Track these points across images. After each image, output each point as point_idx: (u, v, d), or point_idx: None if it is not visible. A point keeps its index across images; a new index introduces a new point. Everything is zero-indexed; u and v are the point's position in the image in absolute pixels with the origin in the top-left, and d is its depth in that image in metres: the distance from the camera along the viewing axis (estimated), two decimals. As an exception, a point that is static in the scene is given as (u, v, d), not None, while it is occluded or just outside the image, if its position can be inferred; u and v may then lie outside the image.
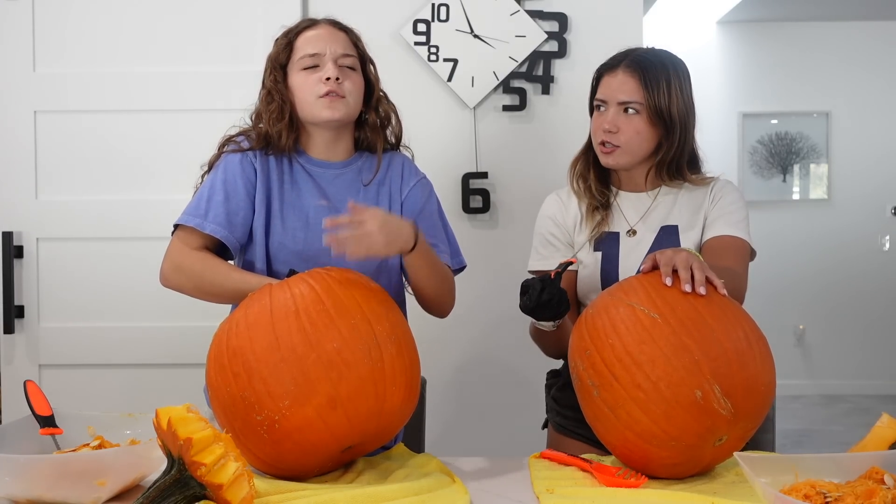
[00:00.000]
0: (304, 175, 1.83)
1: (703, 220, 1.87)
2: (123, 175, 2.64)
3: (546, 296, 1.65)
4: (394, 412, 1.51)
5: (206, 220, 1.76)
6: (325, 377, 1.43)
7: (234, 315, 1.54)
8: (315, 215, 1.80)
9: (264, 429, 1.43)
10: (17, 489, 1.34)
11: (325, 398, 1.43)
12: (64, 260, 2.63)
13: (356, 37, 1.87)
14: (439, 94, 2.69)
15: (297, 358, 1.44)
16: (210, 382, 1.52)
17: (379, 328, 1.50)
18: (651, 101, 1.80)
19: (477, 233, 2.72)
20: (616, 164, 1.86)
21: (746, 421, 1.44)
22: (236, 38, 2.61)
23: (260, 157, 1.82)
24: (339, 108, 1.78)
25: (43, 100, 2.62)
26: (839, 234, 6.23)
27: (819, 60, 6.17)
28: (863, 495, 1.25)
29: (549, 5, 2.68)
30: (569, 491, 1.45)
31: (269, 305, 1.50)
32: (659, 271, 1.51)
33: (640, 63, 1.83)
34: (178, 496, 1.26)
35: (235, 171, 1.79)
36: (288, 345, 1.45)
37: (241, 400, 1.44)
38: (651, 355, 1.42)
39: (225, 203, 1.77)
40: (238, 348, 1.47)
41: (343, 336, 1.46)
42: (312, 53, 1.79)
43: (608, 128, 1.82)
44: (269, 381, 1.43)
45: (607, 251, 1.87)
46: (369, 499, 1.38)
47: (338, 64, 1.79)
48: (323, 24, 1.84)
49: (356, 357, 1.45)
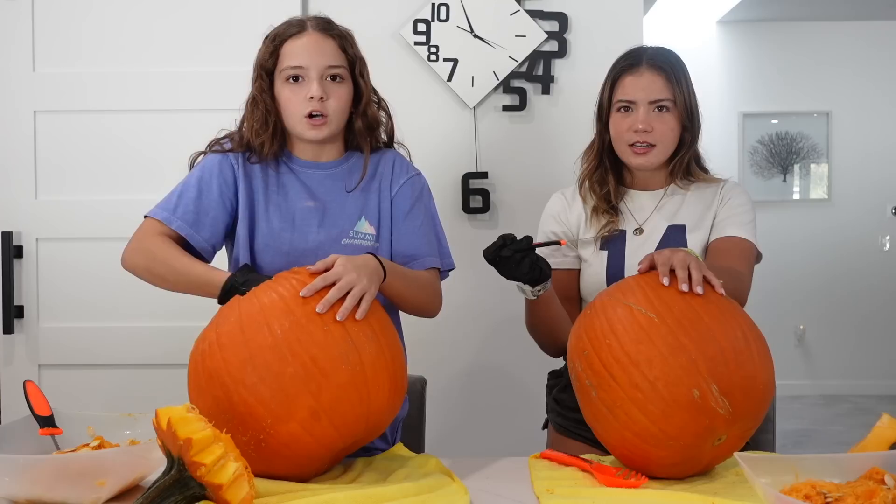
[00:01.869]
0: (290, 176, 1.82)
1: (712, 221, 1.88)
2: (123, 175, 2.64)
3: (506, 252, 1.65)
4: (382, 411, 1.49)
5: (174, 216, 1.75)
6: (305, 390, 1.40)
7: (207, 334, 1.50)
8: (302, 216, 1.80)
9: (252, 447, 1.41)
10: (17, 489, 1.34)
11: (308, 411, 1.40)
12: (64, 260, 2.63)
13: (346, 41, 1.80)
14: (439, 94, 2.69)
15: (274, 375, 1.40)
16: (193, 402, 1.47)
17: (354, 329, 1.46)
18: (679, 97, 1.82)
19: (477, 233, 2.72)
20: (649, 164, 1.86)
21: (745, 420, 1.44)
22: (236, 38, 2.60)
23: (243, 158, 1.81)
24: (323, 129, 1.76)
25: (43, 100, 2.62)
26: (839, 234, 6.23)
27: (819, 60, 6.17)
28: (863, 496, 1.25)
29: (549, 5, 2.68)
30: (569, 491, 1.45)
31: (239, 320, 1.45)
32: (656, 271, 1.51)
33: (661, 60, 1.84)
34: (178, 496, 1.26)
35: (213, 170, 1.79)
36: (262, 362, 1.40)
37: (224, 422, 1.39)
38: (648, 355, 1.41)
39: (196, 201, 1.76)
40: (214, 370, 1.43)
41: (318, 343, 1.42)
42: (297, 66, 1.75)
43: (643, 127, 1.81)
44: (248, 400, 1.40)
45: (613, 250, 1.88)
46: (369, 499, 1.37)
47: (323, 77, 1.75)
48: (310, 32, 1.77)
49: (334, 364, 1.41)
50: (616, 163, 1.91)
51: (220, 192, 1.78)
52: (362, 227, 1.82)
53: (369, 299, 1.51)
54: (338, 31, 1.80)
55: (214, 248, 1.81)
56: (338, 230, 1.80)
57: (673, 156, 1.88)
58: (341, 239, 1.80)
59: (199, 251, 1.77)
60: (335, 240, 1.79)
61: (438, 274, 1.87)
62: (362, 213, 1.83)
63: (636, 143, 1.83)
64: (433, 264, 1.84)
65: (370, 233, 1.82)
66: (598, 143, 1.91)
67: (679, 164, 1.88)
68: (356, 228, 1.81)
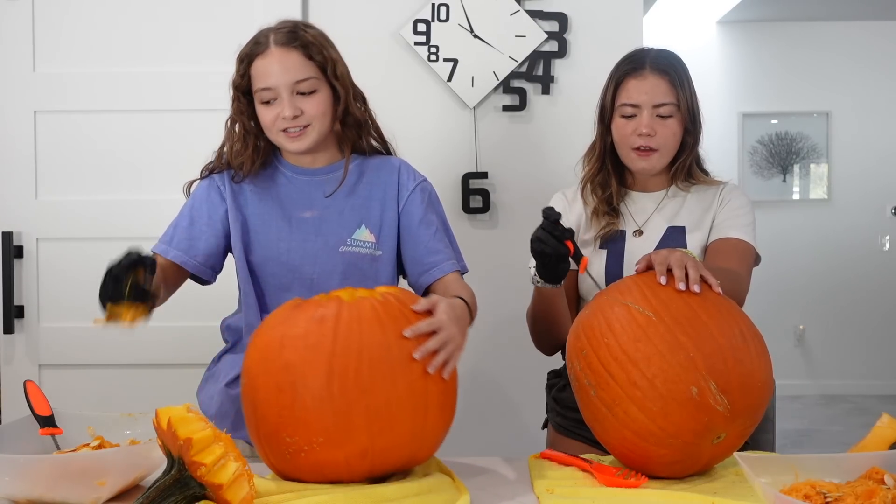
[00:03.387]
0: (286, 185, 1.83)
1: (711, 223, 1.88)
2: (124, 175, 2.64)
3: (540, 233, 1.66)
4: (417, 461, 1.50)
5: (170, 247, 1.82)
6: (366, 428, 1.38)
7: (298, 320, 1.43)
8: (298, 225, 1.81)
9: (289, 451, 1.39)
10: (17, 489, 1.34)
11: (359, 448, 1.39)
12: (64, 260, 2.63)
13: (313, 47, 1.75)
14: (439, 94, 2.69)
15: (347, 402, 1.37)
16: (248, 373, 1.44)
17: (432, 385, 1.44)
18: (683, 101, 1.82)
19: (477, 233, 2.72)
20: (651, 168, 1.86)
21: (744, 418, 1.44)
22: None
23: (229, 176, 1.84)
24: (304, 139, 1.76)
25: (43, 100, 2.62)
26: (839, 234, 6.23)
27: (819, 60, 6.17)
28: (863, 495, 1.25)
29: (549, 5, 2.68)
30: (569, 491, 1.45)
31: (333, 333, 1.39)
32: (653, 271, 1.52)
33: (664, 63, 1.84)
34: (178, 496, 1.26)
35: (201, 197, 1.85)
36: (341, 385, 1.37)
37: (276, 414, 1.38)
38: (646, 353, 1.42)
39: (188, 229, 1.83)
40: (290, 365, 1.39)
41: (397, 391, 1.39)
42: (265, 88, 1.74)
43: (647, 131, 1.81)
44: (311, 412, 1.37)
45: (613, 250, 1.88)
46: (369, 499, 1.37)
47: (294, 92, 1.73)
48: (272, 50, 1.73)
49: (403, 414, 1.40)
50: (618, 165, 1.91)
51: (210, 217, 1.83)
52: (361, 234, 1.82)
53: (457, 358, 1.49)
54: (302, 39, 1.75)
55: (214, 270, 1.86)
56: (335, 238, 1.80)
57: (675, 158, 1.88)
58: (339, 247, 1.80)
59: (198, 275, 1.83)
60: (333, 248, 1.80)
61: (461, 276, 1.85)
62: (362, 221, 1.82)
63: (640, 146, 1.83)
64: (453, 268, 1.82)
65: (370, 241, 1.82)
66: (601, 146, 1.91)
67: (681, 167, 1.88)
68: (354, 236, 1.81)
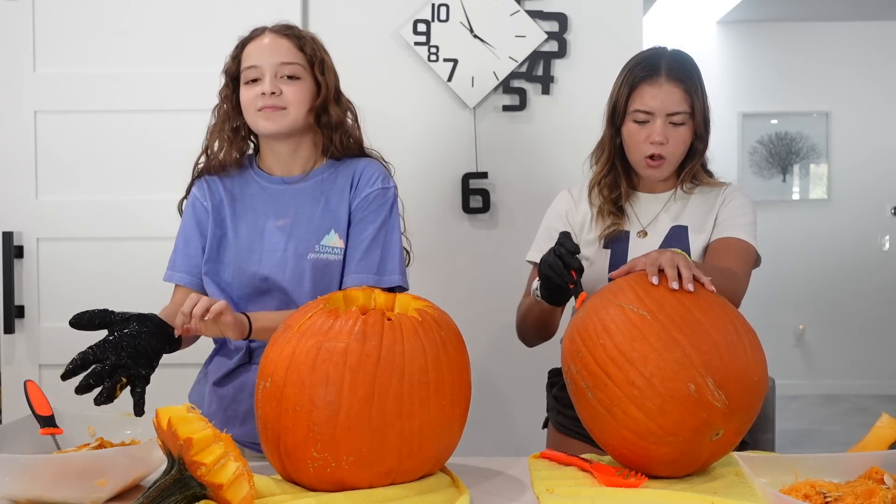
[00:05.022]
0: (260, 195, 1.84)
1: (713, 223, 1.88)
2: (124, 175, 2.64)
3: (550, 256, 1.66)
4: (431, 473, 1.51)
5: (175, 272, 1.86)
6: (397, 451, 1.39)
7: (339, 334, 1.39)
8: (270, 234, 1.81)
9: (314, 465, 1.37)
10: (17, 489, 1.34)
11: (385, 469, 1.39)
12: (64, 260, 2.64)
13: (305, 42, 1.80)
14: (439, 94, 2.69)
15: (384, 423, 1.36)
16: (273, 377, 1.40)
17: (458, 410, 1.46)
18: (697, 108, 1.82)
19: (477, 233, 2.72)
20: (661, 175, 1.87)
21: (741, 413, 1.45)
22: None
23: (209, 188, 1.85)
24: (277, 119, 1.76)
25: (43, 100, 2.63)
26: (839, 234, 6.23)
27: (819, 60, 6.17)
28: (863, 495, 1.25)
29: (549, 5, 2.68)
30: (569, 491, 1.45)
31: (377, 354, 1.38)
32: (646, 272, 1.52)
33: (679, 69, 1.83)
34: (178, 496, 1.26)
35: (189, 215, 1.88)
36: (380, 408, 1.36)
37: (306, 428, 1.36)
38: (643, 352, 1.42)
39: (184, 250, 1.86)
40: (330, 381, 1.36)
41: (430, 415, 1.40)
42: (252, 66, 1.77)
43: (659, 139, 1.81)
44: (346, 430, 1.35)
45: (616, 249, 1.88)
46: (369, 499, 1.37)
47: (278, 74, 1.76)
48: (267, 34, 1.80)
49: (431, 441, 1.42)
50: (627, 166, 1.91)
51: (200, 233, 1.86)
52: (331, 240, 1.80)
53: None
54: (297, 32, 1.82)
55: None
56: (305, 245, 1.80)
57: (684, 163, 1.88)
58: (307, 254, 1.79)
59: (203, 292, 1.84)
60: (301, 255, 1.79)
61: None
62: (332, 226, 1.81)
63: (652, 155, 1.82)
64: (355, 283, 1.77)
65: (338, 246, 1.81)
66: (610, 147, 1.90)
67: (689, 171, 1.89)
68: (323, 242, 1.80)
